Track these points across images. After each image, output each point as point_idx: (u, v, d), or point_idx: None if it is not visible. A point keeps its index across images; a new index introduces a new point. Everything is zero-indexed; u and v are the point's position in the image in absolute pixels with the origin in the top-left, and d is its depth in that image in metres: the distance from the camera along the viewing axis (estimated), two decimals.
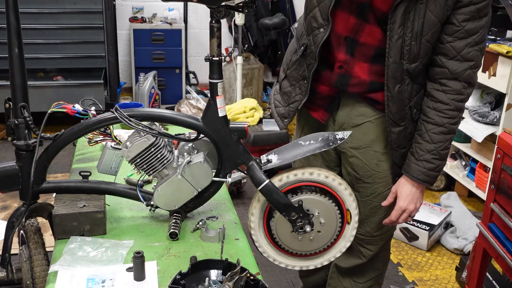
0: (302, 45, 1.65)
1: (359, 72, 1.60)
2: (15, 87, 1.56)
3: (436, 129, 1.57)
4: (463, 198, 3.49)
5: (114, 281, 1.39)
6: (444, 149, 1.59)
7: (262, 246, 1.63)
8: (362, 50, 1.58)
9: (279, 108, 1.81)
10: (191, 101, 4.77)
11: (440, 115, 1.56)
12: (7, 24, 1.52)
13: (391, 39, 1.49)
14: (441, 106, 1.55)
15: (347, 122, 1.70)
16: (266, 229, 1.61)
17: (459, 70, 1.50)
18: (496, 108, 3.19)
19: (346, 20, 1.55)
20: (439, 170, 1.62)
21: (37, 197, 1.65)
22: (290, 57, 1.76)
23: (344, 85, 1.64)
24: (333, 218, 1.59)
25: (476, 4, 1.44)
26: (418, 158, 1.60)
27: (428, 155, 1.59)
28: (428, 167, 1.60)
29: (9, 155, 3.87)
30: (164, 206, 1.65)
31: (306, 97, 1.68)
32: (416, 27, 1.47)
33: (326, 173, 1.57)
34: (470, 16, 1.45)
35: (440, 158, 1.60)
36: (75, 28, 4.19)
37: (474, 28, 1.46)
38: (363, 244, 1.85)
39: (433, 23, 1.46)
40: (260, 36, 5.03)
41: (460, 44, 1.48)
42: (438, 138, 1.57)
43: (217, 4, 1.44)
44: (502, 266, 2.03)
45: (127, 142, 1.58)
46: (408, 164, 1.63)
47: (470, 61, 1.50)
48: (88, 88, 4.21)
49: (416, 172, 1.61)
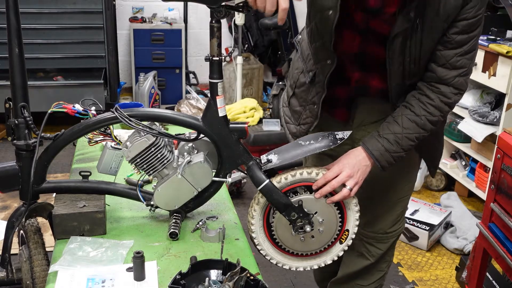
0: (310, 70, 1.67)
1: (375, 83, 1.61)
2: (15, 87, 1.56)
3: (411, 116, 1.54)
4: (463, 198, 3.49)
5: (114, 281, 1.39)
6: (409, 138, 1.55)
7: (262, 246, 1.63)
8: (373, 62, 1.58)
9: (290, 125, 1.81)
10: (191, 101, 4.77)
11: (420, 105, 1.54)
12: (7, 24, 1.52)
13: (391, 67, 1.52)
14: (425, 99, 1.54)
15: (367, 119, 1.70)
16: (266, 229, 1.61)
17: (448, 77, 1.51)
18: (496, 108, 3.19)
19: (352, 38, 1.56)
20: (395, 157, 1.56)
21: (37, 197, 1.65)
22: (297, 76, 1.76)
23: (362, 94, 1.66)
24: (333, 217, 1.59)
25: (468, 19, 1.44)
26: (381, 134, 1.56)
27: (391, 136, 1.55)
28: (387, 147, 1.55)
29: (9, 155, 3.87)
30: (164, 206, 1.65)
31: (317, 120, 1.69)
32: (415, 54, 1.49)
33: (323, 172, 1.57)
34: (461, 30, 1.45)
35: (401, 145, 1.55)
36: (75, 28, 4.19)
37: (465, 39, 1.47)
38: (373, 242, 1.84)
39: (431, 47, 1.49)
40: (260, 36, 5.03)
41: (449, 53, 1.48)
42: (408, 125, 1.54)
43: (217, 4, 1.44)
44: (502, 266, 2.03)
45: (127, 142, 1.58)
46: (369, 137, 1.59)
47: (459, 68, 1.50)
48: (88, 88, 4.21)
49: (373, 146, 1.56)
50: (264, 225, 1.61)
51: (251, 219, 1.59)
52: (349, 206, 1.61)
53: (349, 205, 1.61)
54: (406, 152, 1.57)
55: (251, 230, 1.60)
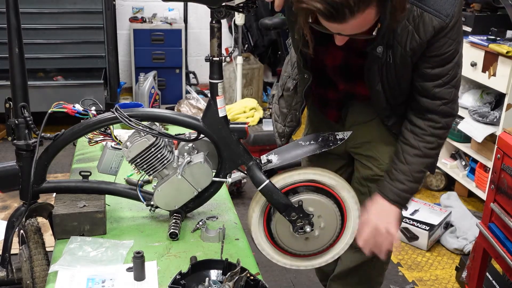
0: (294, 79, 1.69)
1: (362, 91, 1.60)
2: (15, 87, 1.56)
3: (411, 151, 1.55)
4: (463, 198, 3.49)
5: (114, 281, 1.40)
6: (418, 172, 1.57)
7: (262, 246, 1.63)
8: (357, 72, 1.55)
9: (278, 124, 1.85)
10: (191, 101, 4.77)
11: (416, 138, 1.54)
12: (7, 24, 1.52)
13: (373, 94, 1.53)
14: (417, 130, 1.54)
15: (358, 119, 1.70)
16: (266, 230, 1.61)
17: (432, 107, 1.50)
18: (496, 108, 3.19)
19: (335, 51, 1.53)
20: (412, 192, 1.59)
21: (37, 197, 1.65)
22: (285, 80, 1.78)
23: (351, 99, 1.66)
24: (333, 217, 1.59)
25: (440, 56, 1.41)
26: (392, 178, 1.58)
27: (401, 176, 1.57)
28: (401, 188, 1.57)
29: (9, 155, 3.87)
30: (164, 206, 1.65)
31: (299, 126, 1.76)
32: (392, 82, 1.49)
33: (323, 172, 1.57)
34: (434, 65, 1.43)
35: (414, 180, 1.57)
36: (75, 28, 4.18)
37: (441, 72, 1.44)
38: None
39: (407, 77, 1.48)
40: (260, 36, 5.03)
41: (428, 85, 1.46)
42: (412, 160, 1.55)
43: (218, 5, 1.44)
44: (502, 266, 2.03)
45: (127, 142, 1.58)
46: (383, 182, 1.62)
47: (441, 99, 1.48)
48: (88, 88, 4.21)
49: (388, 191, 1.58)
50: (264, 225, 1.61)
51: (251, 219, 1.59)
52: (348, 205, 1.61)
53: (348, 205, 1.61)
54: (420, 184, 1.60)
55: (251, 230, 1.60)
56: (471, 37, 3.19)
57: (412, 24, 1.36)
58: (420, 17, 1.35)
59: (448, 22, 1.35)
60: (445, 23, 1.35)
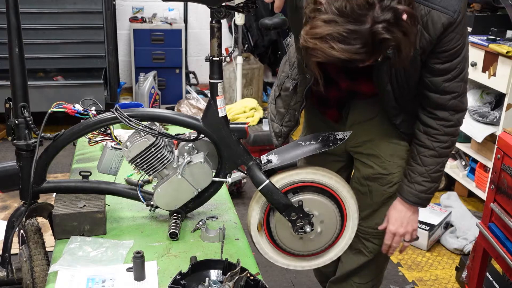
0: (293, 79, 1.69)
1: (365, 89, 1.61)
2: (15, 87, 1.56)
3: (427, 152, 1.58)
4: (463, 198, 3.49)
5: (114, 281, 1.40)
6: (435, 172, 1.60)
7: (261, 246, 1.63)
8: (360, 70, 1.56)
9: (274, 124, 1.84)
10: (191, 101, 4.77)
11: (430, 139, 1.57)
12: (7, 24, 1.52)
13: (383, 95, 1.54)
14: (431, 131, 1.56)
15: (359, 118, 1.69)
16: (266, 230, 1.61)
17: (441, 102, 1.52)
18: (496, 108, 3.19)
19: None
20: (432, 192, 1.63)
21: (37, 197, 1.65)
22: (283, 80, 1.77)
23: (353, 97, 1.66)
24: (333, 217, 1.59)
25: (448, 51, 1.43)
26: (410, 180, 1.62)
27: (419, 178, 1.60)
28: (419, 190, 1.61)
29: (9, 155, 3.87)
30: (164, 206, 1.65)
31: (296, 126, 1.75)
32: (401, 80, 1.50)
33: (323, 172, 1.57)
34: (443, 60, 1.45)
35: (432, 180, 1.61)
36: (75, 28, 4.18)
37: (450, 66, 1.46)
38: (370, 238, 1.84)
39: (416, 74, 1.50)
40: (260, 36, 5.03)
41: (437, 80, 1.49)
42: (429, 161, 1.58)
43: (218, 5, 1.44)
44: (502, 266, 2.03)
45: (127, 142, 1.58)
46: (401, 186, 1.65)
47: (451, 93, 1.50)
48: (88, 88, 4.21)
49: (408, 194, 1.62)
50: (264, 225, 1.61)
51: (251, 219, 1.59)
52: (348, 205, 1.61)
53: (348, 205, 1.61)
54: (439, 183, 1.64)
55: (250, 230, 1.60)
56: (471, 37, 3.18)
57: (420, 22, 1.38)
58: (428, 14, 1.38)
59: (456, 18, 1.38)
60: (453, 18, 1.37)
